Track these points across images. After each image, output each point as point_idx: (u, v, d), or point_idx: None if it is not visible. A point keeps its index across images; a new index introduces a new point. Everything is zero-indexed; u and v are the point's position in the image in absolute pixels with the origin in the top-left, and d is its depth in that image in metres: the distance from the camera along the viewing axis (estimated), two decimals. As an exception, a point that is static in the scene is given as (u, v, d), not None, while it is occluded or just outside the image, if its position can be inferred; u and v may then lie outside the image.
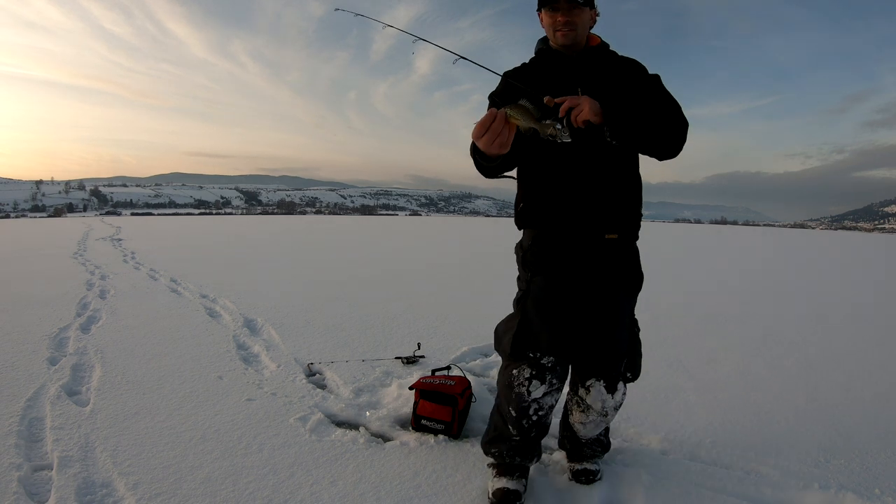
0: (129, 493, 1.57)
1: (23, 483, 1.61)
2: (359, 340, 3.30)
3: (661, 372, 2.74)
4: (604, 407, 1.58)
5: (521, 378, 1.49)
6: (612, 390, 1.57)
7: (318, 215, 70.48)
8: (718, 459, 1.84)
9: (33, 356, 2.84)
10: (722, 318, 4.16)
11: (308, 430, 2.00)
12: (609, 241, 1.52)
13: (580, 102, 1.36)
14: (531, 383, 1.48)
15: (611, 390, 1.57)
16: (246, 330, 3.54)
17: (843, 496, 1.61)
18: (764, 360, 3.03)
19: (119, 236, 12.69)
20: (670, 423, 2.12)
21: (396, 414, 2.16)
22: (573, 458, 1.74)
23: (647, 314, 4.03)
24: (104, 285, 5.27)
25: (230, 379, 2.56)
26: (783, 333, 3.67)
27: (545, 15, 1.55)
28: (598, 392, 1.57)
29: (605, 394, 1.57)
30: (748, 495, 1.62)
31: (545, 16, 1.55)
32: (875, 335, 3.69)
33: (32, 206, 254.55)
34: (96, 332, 3.41)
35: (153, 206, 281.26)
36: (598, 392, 1.57)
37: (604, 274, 1.52)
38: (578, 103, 1.36)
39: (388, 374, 2.65)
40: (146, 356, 2.90)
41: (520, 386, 1.49)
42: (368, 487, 1.63)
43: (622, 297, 1.57)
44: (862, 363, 3.00)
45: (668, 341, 3.36)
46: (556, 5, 1.50)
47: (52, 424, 2.01)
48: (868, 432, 2.07)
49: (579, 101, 1.37)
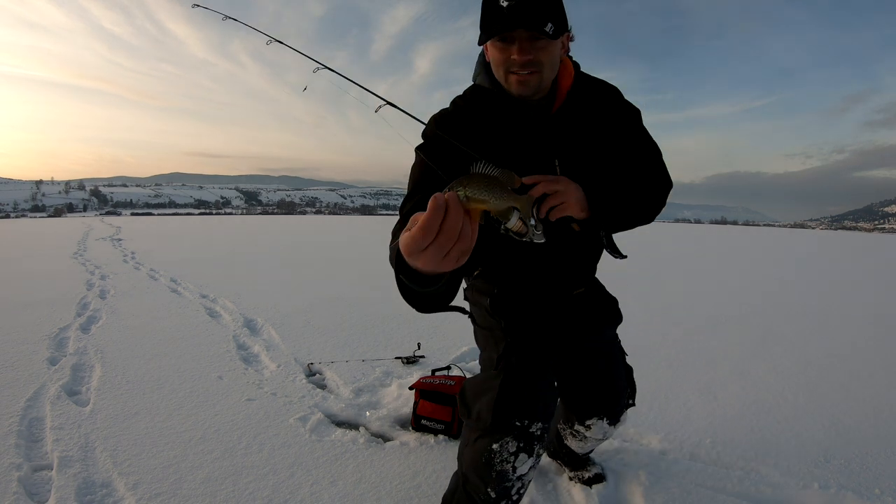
0: (129, 493, 1.57)
1: (23, 483, 1.61)
2: (359, 340, 3.30)
3: (661, 372, 2.74)
4: (605, 435, 1.50)
5: (505, 454, 1.17)
6: (615, 423, 1.48)
7: (318, 215, 70.52)
8: (718, 459, 1.84)
9: (33, 356, 2.84)
10: (722, 318, 4.16)
11: (308, 430, 2.00)
12: (577, 294, 1.37)
13: (560, 190, 1.06)
14: (517, 458, 1.17)
15: (614, 423, 1.48)
16: (246, 330, 3.54)
17: (843, 496, 1.61)
18: (764, 360, 3.03)
19: (119, 236, 12.68)
20: (670, 423, 2.12)
21: (396, 414, 2.16)
22: (575, 468, 1.70)
23: (646, 314, 4.06)
24: (104, 285, 5.27)
25: (230, 379, 2.56)
26: (783, 333, 3.67)
27: (493, 49, 1.11)
28: (601, 427, 1.46)
29: (609, 427, 1.47)
30: (748, 495, 1.62)
31: (493, 50, 1.11)
32: (875, 335, 3.69)
33: (32, 206, 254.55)
34: (96, 332, 3.41)
35: (153, 206, 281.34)
36: (601, 427, 1.46)
37: (582, 314, 1.37)
38: (557, 190, 1.05)
39: (388, 374, 2.65)
40: (146, 356, 2.90)
41: (503, 463, 1.17)
42: (368, 487, 1.63)
43: (608, 329, 1.45)
44: (862, 363, 3.00)
45: (668, 341, 3.35)
46: (510, 35, 1.06)
47: (52, 424, 2.02)
48: (868, 432, 2.07)
49: (558, 186, 1.06)
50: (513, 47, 1.07)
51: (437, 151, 1.15)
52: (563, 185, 1.07)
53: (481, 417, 1.20)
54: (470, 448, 1.23)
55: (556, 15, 1.06)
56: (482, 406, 1.21)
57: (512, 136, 1.18)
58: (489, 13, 1.07)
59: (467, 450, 1.25)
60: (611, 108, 1.25)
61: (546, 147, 1.18)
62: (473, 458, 1.21)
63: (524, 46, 1.06)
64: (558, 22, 1.06)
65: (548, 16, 1.04)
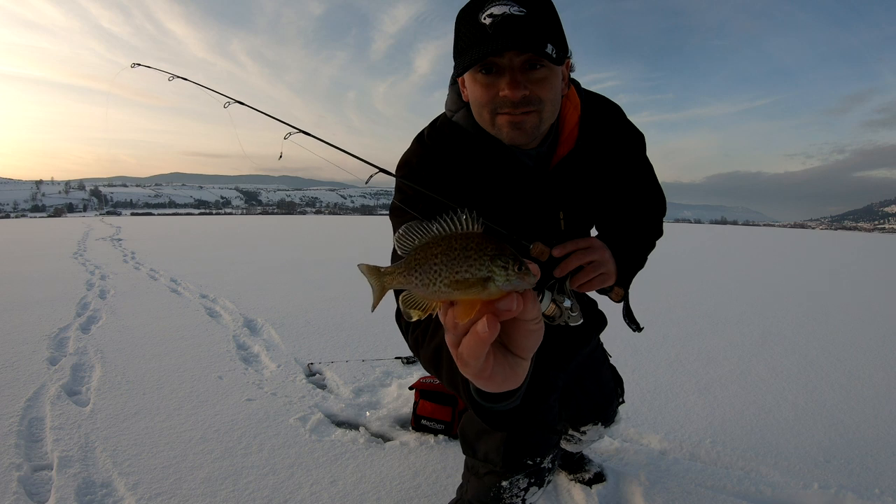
0: (129, 493, 1.57)
1: (23, 483, 1.61)
2: (359, 340, 3.30)
3: (661, 372, 2.74)
4: (601, 436, 1.50)
5: (516, 490, 1.11)
6: (609, 424, 1.48)
7: (318, 215, 70.50)
8: (718, 459, 1.84)
9: (33, 356, 2.83)
10: (722, 318, 4.16)
11: (308, 430, 2.00)
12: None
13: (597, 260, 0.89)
14: (528, 492, 1.12)
15: (608, 424, 1.47)
16: (246, 330, 3.54)
17: (843, 496, 1.61)
18: (764, 360, 3.03)
19: (119, 236, 12.68)
20: (670, 423, 2.12)
21: (396, 414, 2.16)
22: (572, 470, 1.69)
23: (646, 314, 4.05)
24: (104, 285, 5.27)
25: (230, 379, 2.56)
26: (783, 333, 3.67)
27: (473, 85, 0.85)
28: (596, 431, 1.46)
29: (603, 429, 1.47)
30: (748, 495, 1.62)
31: (474, 86, 0.85)
32: (875, 335, 3.69)
33: (32, 206, 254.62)
34: (96, 332, 3.41)
35: (153, 206, 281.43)
36: (596, 431, 1.46)
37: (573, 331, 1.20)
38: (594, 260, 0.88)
39: (388, 374, 2.65)
40: (146, 356, 2.90)
41: (513, 498, 1.11)
42: (368, 487, 1.63)
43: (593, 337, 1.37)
44: (862, 363, 3.00)
45: (668, 341, 3.35)
46: (497, 64, 0.80)
47: (52, 424, 2.01)
48: (868, 432, 2.07)
49: (595, 256, 0.89)
50: (501, 80, 0.81)
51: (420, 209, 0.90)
52: (599, 252, 0.89)
53: (490, 459, 1.09)
54: (478, 480, 1.13)
55: (555, 34, 0.80)
56: (489, 448, 1.09)
57: (502, 189, 0.94)
58: (468, 34, 0.79)
59: (475, 479, 1.15)
60: (617, 142, 1.06)
61: (548, 200, 0.98)
62: (481, 492, 1.12)
63: (517, 79, 0.80)
64: (559, 43, 0.80)
65: (546, 34, 0.78)
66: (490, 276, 0.38)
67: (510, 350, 0.44)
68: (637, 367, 2.78)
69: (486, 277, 0.38)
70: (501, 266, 0.38)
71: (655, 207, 1.17)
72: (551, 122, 0.90)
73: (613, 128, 1.06)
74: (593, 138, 1.00)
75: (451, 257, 0.39)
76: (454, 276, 0.39)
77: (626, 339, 3.19)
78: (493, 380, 0.44)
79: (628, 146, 1.09)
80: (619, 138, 1.06)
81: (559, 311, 0.79)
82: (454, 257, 0.39)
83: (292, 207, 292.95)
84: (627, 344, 3.16)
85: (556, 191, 0.97)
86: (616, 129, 1.06)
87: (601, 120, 1.03)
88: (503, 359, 0.44)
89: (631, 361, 2.87)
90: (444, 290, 0.39)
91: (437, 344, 0.67)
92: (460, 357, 0.42)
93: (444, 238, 0.40)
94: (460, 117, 0.96)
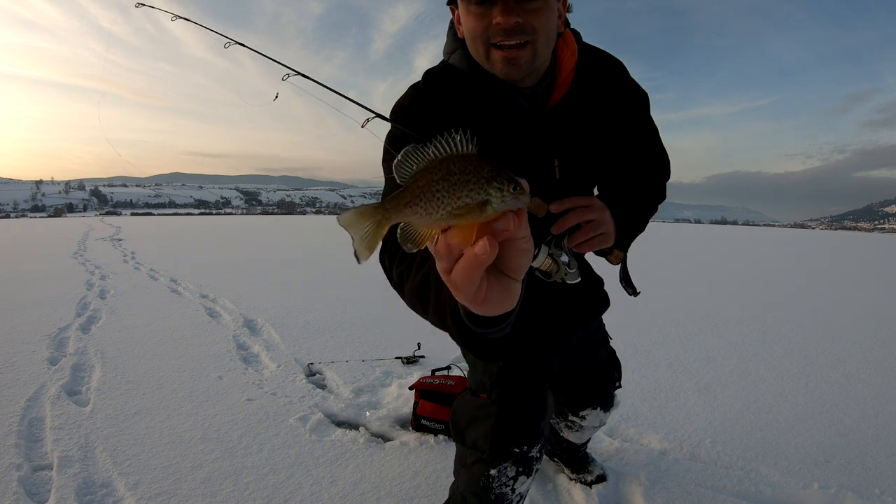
0: (129, 493, 1.57)
1: (23, 483, 1.61)
2: (359, 340, 3.30)
3: (661, 372, 2.74)
4: (601, 422, 1.51)
5: (504, 478, 1.11)
6: (608, 408, 1.48)
7: (318, 215, 70.52)
8: (718, 459, 1.84)
9: (33, 356, 2.83)
10: (722, 318, 4.16)
11: (308, 430, 2.00)
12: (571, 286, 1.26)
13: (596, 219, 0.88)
14: (517, 480, 1.13)
15: (607, 409, 1.48)
16: (246, 330, 3.54)
17: (843, 496, 1.61)
18: (764, 360, 3.03)
19: (119, 236, 12.69)
20: (670, 423, 2.12)
21: (396, 414, 2.16)
22: (576, 469, 1.69)
23: (646, 314, 4.05)
24: (104, 285, 5.27)
25: (230, 379, 2.56)
26: (783, 333, 3.67)
27: (467, 16, 0.87)
28: (595, 415, 1.47)
29: (603, 413, 1.48)
30: (748, 495, 1.62)
31: (467, 17, 0.87)
32: (875, 335, 3.69)
33: (32, 206, 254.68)
34: (96, 332, 3.41)
35: (153, 206, 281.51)
36: (595, 415, 1.47)
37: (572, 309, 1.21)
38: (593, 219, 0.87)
39: (388, 374, 2.65)
40: (146, 356, 2.90)
41: (502, 486, 1.12)
42: (368, 487, 1.63)
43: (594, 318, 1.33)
44: (862, 363, 3.00)
45: (668, 341, 3.35)
46: None
47: (52, 424, 2.01)
48: (868, 432, 2.07)
49: (593, 214, 0.88)
50: (494, 9, 0.82)
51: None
52: (598, 212, 0.88)
53: (478, 446, 1.11)
54: (467, 471, 1.15)
55: None
56: (478, 435, 1.11)
57: (498, 132, 0.93)
58: None
59: (464, 471, 1.16)
60: (617, 93, 1.04)
61: (543, 145, 0.96)
62: (471, 482, 1.14)
63: (510, 6, 0.81)
64: None
65: None
66: (488, 199, 0.39)
67: (502, 271, 0.44)
68: (637, 367, 2.78)
69: (485, 201, 0.39)
70: (497, 188, 0.39)
71: (659, 170, 1.13)
72: (546, 56, 0.90)
73: (614, 80, 1.04)
74: (591, 85, 0.99)
75: (451, 182, 0.39)
76: (455, 203, 0.39)
77: (626, 339, 3.19)
78: (489, 303, 0.45)
79: (630, 102, 1.07)
80: (621, 92, 1.05)
81: (556, 267, 0.77)
82: (454, 182, 0.39)
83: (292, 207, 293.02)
84: (627, 344, 3.16)
85: (551, 135, 0.97)
86: (617, 82, 1.05)
87: (600, 70, 1.02)
88: (496, 281, 0.45)
89: (631, 361, 2.87)
90: (444, 219, 0.40)
91: (424, 272, 0.67)
92: (454, 283, 0.42)
93: (443, 162, 0.40)
94: (456, 58, 0.96)
